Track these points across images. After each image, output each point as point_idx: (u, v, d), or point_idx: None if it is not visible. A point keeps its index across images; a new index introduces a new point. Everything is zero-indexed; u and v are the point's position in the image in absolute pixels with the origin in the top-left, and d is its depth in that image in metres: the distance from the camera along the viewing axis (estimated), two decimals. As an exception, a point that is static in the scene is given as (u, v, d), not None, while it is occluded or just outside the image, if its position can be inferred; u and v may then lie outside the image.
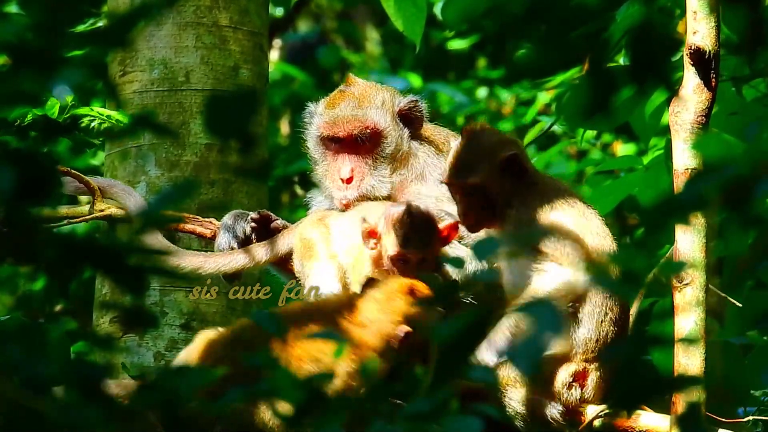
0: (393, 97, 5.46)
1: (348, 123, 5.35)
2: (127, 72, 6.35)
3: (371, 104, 5.39)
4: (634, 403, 3.26)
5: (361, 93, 5.43)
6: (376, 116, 5.37)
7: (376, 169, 5.36)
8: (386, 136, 5.37)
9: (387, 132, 5.37)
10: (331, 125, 5.36)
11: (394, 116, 5.41)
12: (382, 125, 5.37)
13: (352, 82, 5.49)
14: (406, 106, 5.43)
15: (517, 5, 3.18)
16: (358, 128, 5.35)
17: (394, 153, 5.38)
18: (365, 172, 5.35)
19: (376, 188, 5.34)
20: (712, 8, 4.73)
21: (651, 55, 3.09)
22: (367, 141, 5.35)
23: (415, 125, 5.46)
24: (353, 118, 5.36)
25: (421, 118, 5.47)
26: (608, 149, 10.59)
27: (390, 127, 5.39)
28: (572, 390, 4.88)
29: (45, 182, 3.09)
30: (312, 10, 13.80)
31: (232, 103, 3.16)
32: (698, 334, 4.66)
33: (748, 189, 2.95)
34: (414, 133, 5.45)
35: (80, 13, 3.13)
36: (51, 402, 2.95)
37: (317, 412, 3.25)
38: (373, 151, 5.36)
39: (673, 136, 4.78)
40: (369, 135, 5.35)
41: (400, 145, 5.40)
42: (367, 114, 5.37)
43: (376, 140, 5.36)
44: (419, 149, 5.44)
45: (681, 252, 4.70)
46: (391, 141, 5.38)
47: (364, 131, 5.34)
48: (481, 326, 3.09)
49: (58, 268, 3.19)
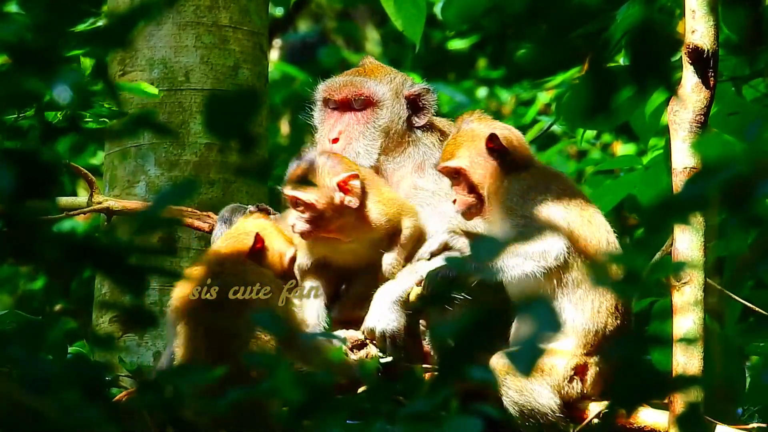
0: (404, 80, 5.48)
1: (345, 87, 5.41)
2: (127, 71, 6.35)
3: (376, 77, 5.44)
4: (634, 402, 3.26)
5: (371, 67, 5.50)
6: (375, 87, 5.41)
7: (365, 137, 5.38)
8: (381, 107, 5.39)
9: (383, 104, 5.39)
10: (329, 88, 5.43)
11: (399, 95, 5.42)
12: (379, 96, 5.39)
13: (369, 61, 5.54)
14: (415, 92, 5.45)
15: (517, 5, 3.18)
16: (352, 93, 5.40)
17: (388, 128, 5.39)
18: (353, 137, 5.38)
19: (362, 156, 5.35)
20: (711, 7, 4.73)
21: (651, 55, 3.09)
22: (362, 107, 5.38)
23: (422, 113, 5.46)
24: (351, 83, 5.41)
25: (430, 107, 5.47)
26: (608, 149, 10.58)
27: (388, 101, 5.40)
28: (573, 383, 4.88)
29: (45, 181, 3.09)
30: (312, 10, 13.79)
31: (232, 103, 3.16)
32: (697, 334, 4.66)
33: (748, 189, 2.95)
34: (419, 121, 5.45)
35: (80, 12, 3.13)
36: (51, 402, 2.95)
37: (317, 412, 3.25)
38: (366, 119, 5.39)
39: (672, 134, 4.79)
40: (363, 101, 5.39)
41: (396, 123, 5.41)
42: (366, 83, 5.41)
43: (371, 108, 5.39)
44: (421, 138, 5.44)
45: (680, 251, 4.70)
46: (385, 113, 5.40)
47: (358, 96, 5.39)
48: (481, 326, 3.09)
49: (58, 267, 3.19)
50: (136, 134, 6.24)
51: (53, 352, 4.92)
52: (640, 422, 4.87)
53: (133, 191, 6.25)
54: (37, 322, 5.05)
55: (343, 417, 3.26)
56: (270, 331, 4.56)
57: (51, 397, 3.00)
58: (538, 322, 3.01)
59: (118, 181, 6.28)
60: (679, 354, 4.66)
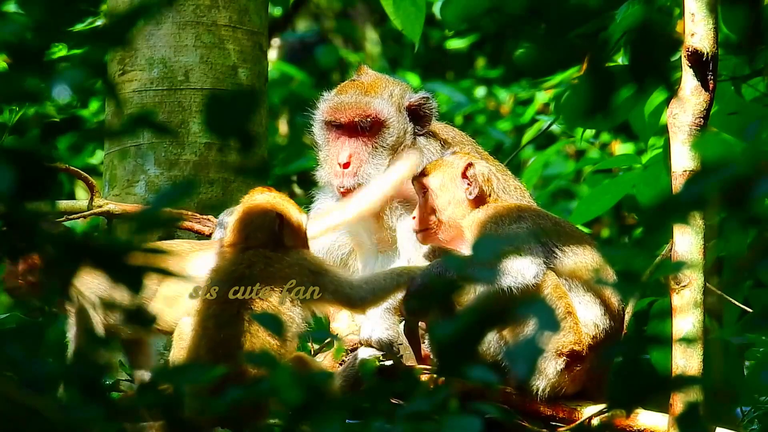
0: (403, 91, 5.47)
1: (351, 109, 5.38)
2: (127, 71, 6.35)
3: (378, 94, 5.41)
4: (632, 402, 3.26)
5: (370, 83, 5.46)
6: (380, 105, 5.39)
7: (375, 157, 5.38)
8: (388, 126, 5.39)
9: (390, 122, 5.39)
10: (334, 110, 5.39)
11: (401, 109, 5.43)
12: (385, 115, 5.38)
13: (364, 72, 5.52)
14: (416, 102, 5.45)
15: (516, 5, 3.18)
16: (359, 115, 5.37)
17: (396, 144, 5.40)
18: (363, 159, 5.37)
19: (374, 176, 5.35)
20: (711, 10, 4.73)
21: (650, 54, 3.09)
22: (368, 128, 5.37)
23: (423, 122, 5.47)
24: (356, 105, 5.38)
25: (430, 115, 5.48)
26: (606, 148, 10.58)
27: (394, 118, 5.40)
28: (559, 361, 4.88)
29: (44, 181, 3.09)
30: (311, 10, 13.79)
31: (232, 103, 3.16)
32: (696, 335, 4.66)
33: (748, 189, 2.95)
34: (421, 130, 5.47)
35: (79, 12, 3.13)
36: (51, 402, 2.95)
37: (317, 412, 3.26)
38: (373, 139, 5.38)
39: (672, 137, 4.79)
40: (370, 123, 5.37)
41: (402, 137, 5.42)
42: (371, 102, 5.39)
43: (378, 128, 5.38)
44: (425, 146, 5.46)
45: (679, 253, 4.70)
46: (393, 131, 5.40)
47: (365, 118, 5.37)
48: (481, 326, 3.09)
49: (57, 266, 3.19)
50: (136, 133, 6.24)
51: (53, 352, 4.92)
52: (639, 425, 4.87)
53: (132, 191, 6.25)
54: (37, 322, 5.04)
55: (342, 417, 3.26)
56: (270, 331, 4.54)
57: (51, 397, 3.00)
58: (538, 323, 3.01)
59: (118, 180, 6.28)
60: (679, 355, 4.66)
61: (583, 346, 4.88)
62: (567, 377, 4.89)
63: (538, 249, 4.88)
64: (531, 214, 5.04)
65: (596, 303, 4.91)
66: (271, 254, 4.70)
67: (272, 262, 4.69)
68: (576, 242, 4.98)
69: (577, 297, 4.91)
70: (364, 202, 5.26)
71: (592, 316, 4.90)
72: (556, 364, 4.87)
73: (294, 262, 4.69)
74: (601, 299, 4.92)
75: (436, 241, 5.15)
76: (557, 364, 4.87)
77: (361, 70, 5.56)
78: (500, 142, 11.15)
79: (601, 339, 4.90)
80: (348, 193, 5.33)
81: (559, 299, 4.85)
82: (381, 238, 5.45)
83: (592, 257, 4.97)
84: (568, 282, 4.91)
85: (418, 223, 5.15)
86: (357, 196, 5.28)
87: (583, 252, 4.97)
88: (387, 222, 5.41)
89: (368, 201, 5.26)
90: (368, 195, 5.26)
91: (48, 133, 3.41)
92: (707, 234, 4.72)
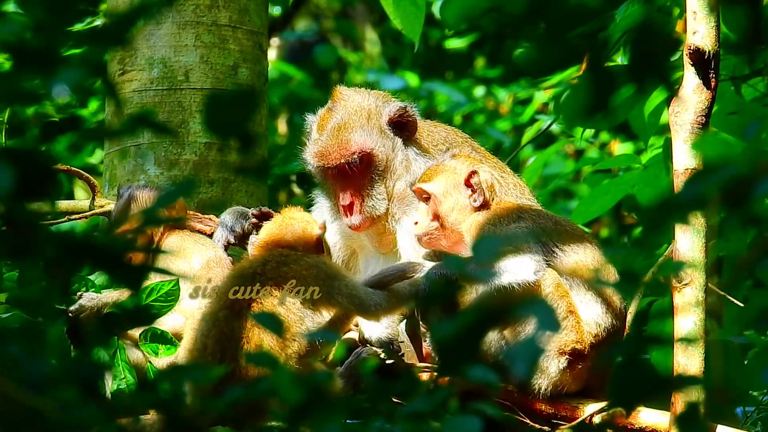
0: (379, 108, 5.43)
1: (334, 152, 5.37)
2: (127, 71, 6.34)
3: (356, 125, 5.38)
4: (633, 401, 3.26)
5: (346, 113, 5.42)
6: (360, 138, 5.37)
7: (373, 188, 5.39)
8: (376, 154, 5.38)
9: (376, 150, 5.37)
10: (320, 156, 5.40)
11: (382, 129, 5.41)
12: (370, 145, 5.37)
13: (338, 98, 5.48)
14: (395, 115, 5.42)
15: (516, 5, 3.18)
16: (344, 156, 5.36)
17: (388, 167, 5.40)
18: (364, 194, 5.38)
19: (377, 207, 5.37)
20: (712, 8, 4.73)
21: (650, 54, 3.09)
22: (358, 164, 5.36)
23: (408, 130, 5.45)
24: (339, 147, 5.36)
25: (414, 122, 5.46)
26: (606, 148, 10.59)
27: (378, 143, 5.39)
28: (561, 359, 4.88)
29: (43, 181, 3.09)
30: (310, 9, 13.80)
31: (232, 102, 3.16)
32: (698, 335, 4.66)
33: (748, 189, 2.95)
34: (408, 138, 5.46)
35: (79, 12, 3.13)
36: (51, 402, 2.95)
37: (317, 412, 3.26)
38: (366, 173, 5.39)
39: (673, 136, 4.78)
40: (358, 159, 5.36)
41: (392, 158, 5.41)
42: (352, 139, 5.36)
43: (367, 161, 5.37)
44: (417, 154, 5.46)
45: (680, 252, 4.70)
46: (382, 158, 5.39)
47: (352, 158, 5.36)
48: (482, 325, 3.09)
49: (57, 266, 3.19)
50: (136, 133, 6.24)
51: (54, 352, 4.92)
52: (640, 423, 4.87)
53: (132, 190, 6.25)
54: (37, 322, 5.04)
55: (342, 417, 3.26)
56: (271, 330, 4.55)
57: (50, 396, 3.00)
58: (538, 323, 3.01)
59: (118, 180, 6.28)
60: (680, 354, 4.66)
61: (585, 344, 4.88)
62: (569, 376, 4.90)
63: (538, 248, 4.89)
64: (530, 214, 5.03)
65: (598, 302, 4.92)
66: (289, 253, 4.78)
67: (288, 261, 4.73)
68: (577, 241, 4.98)
69: (578, 296, 4.92)
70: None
71: (594, 315, 4.91)
72: (558, 363, 4.88)
73: (313, 264, 4.74)
74: (603, 298, 4.92)
75: (438, 246, 5.15)
76: (559, 363, 4.87)
77: (335, 95, 5.52)
78: (499, 142, 11.16)
79: (603, 338, 4.91)
80: (358, 229, 5.38)
81: (560, 298, 4.85)
82: (382, 240, 5.46)
83: (593, 256, 4.97)
84: (569, 281, 4.92)
85: (421, 228, 5.15)
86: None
87: (584, 251, 4.97)
88: (388, 225, 5.42)
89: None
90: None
91: (48, 133, 3.41)
92: (708, 233, 4.72)
